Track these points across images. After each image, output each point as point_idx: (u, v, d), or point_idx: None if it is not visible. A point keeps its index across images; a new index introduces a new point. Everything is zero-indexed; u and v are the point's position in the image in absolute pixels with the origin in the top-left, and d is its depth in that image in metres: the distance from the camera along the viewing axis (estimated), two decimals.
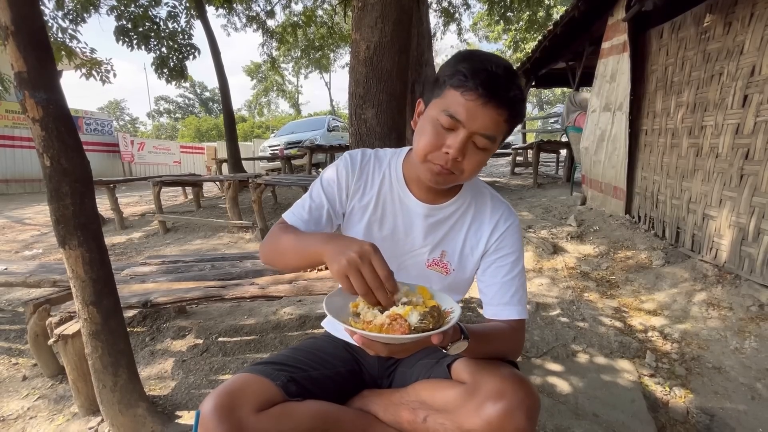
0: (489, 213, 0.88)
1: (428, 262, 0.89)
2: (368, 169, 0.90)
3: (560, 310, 2.27)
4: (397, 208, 0.88)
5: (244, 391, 0.73)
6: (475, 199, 0.89)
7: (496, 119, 0.72)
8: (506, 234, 0.87)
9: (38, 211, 6.72)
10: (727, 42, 2.44)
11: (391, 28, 1.58)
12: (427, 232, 0.88)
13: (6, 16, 1.06)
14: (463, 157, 0.74)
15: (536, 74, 7.35)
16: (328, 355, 0.92)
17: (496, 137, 0.74)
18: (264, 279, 1.79)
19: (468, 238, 0.88)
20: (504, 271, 0.86)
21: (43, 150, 1.16)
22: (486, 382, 0.70)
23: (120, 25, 6.60)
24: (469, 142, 0.73)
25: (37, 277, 1.99)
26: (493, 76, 0.70)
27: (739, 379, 1.65)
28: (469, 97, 0.70)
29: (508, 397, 0.67)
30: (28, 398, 1.70)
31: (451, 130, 0.73)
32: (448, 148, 0.73)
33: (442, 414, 0.74)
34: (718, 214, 2.46)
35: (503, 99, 0.71)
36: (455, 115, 0.72)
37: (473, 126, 0.71)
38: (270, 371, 0.79)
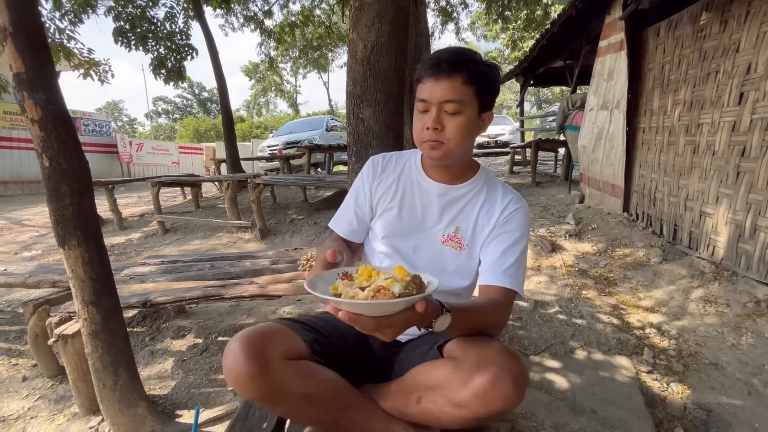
0: (500, 196, 0.96)
1: (444, 238, 0.95)
2: (390, 166, 1.02)
3: (558, 308, 2.28)
4: (415, 190, 0.98)
5: (274, 337, 0.77)
6: (488, 184, 0.98)
7: (452, 85, 0.84)
8: (514, 214, 0.93)
9: (37, 212, 6.71)
10: (723, 40, 2.45)
11: (388, 28, 1.59)
12: (442, 210, 0.96)
13: (4, 18, 1.07)
14: (442, 126, 0.86)
15: (534, 73, 7.37)
16: (345, 330, 0.94)
17: (462, 99, 0.84)
18: (263, 278, 1.80)
19: (480, 217, 0.95)
20: (506, 244, 0.91)
21: (42, 150, 1.17)
22: (472, 354, 0.74)
23: (118, 25, 6.58)
24: (441, 113, 0.85)
25: (37, 278, 2.00)
26: (438, 59, 0.85)
27: (735, 375, 1.66)
28: (425, 81, 0.86)
29: (494, 367, 0.69)
30: (29, 398, 1.70)
31: (426, 111, 0.87)
32: (426, 124, 0.86)
33: (434, 391, 0.77)
34: (715, 211, 2.47)
35: (449, 68, 0.84)
36: (422, 97, 0.87)
37: (435, 98, 0.85)
38: (298, 327, 0.84)
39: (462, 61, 0.85)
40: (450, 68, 0.84)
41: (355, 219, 1.02)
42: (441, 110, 0.85)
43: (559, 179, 6.28)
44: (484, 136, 11.45)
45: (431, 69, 0.85)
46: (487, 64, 0.88)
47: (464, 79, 0.84)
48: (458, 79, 0.84)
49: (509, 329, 2.05)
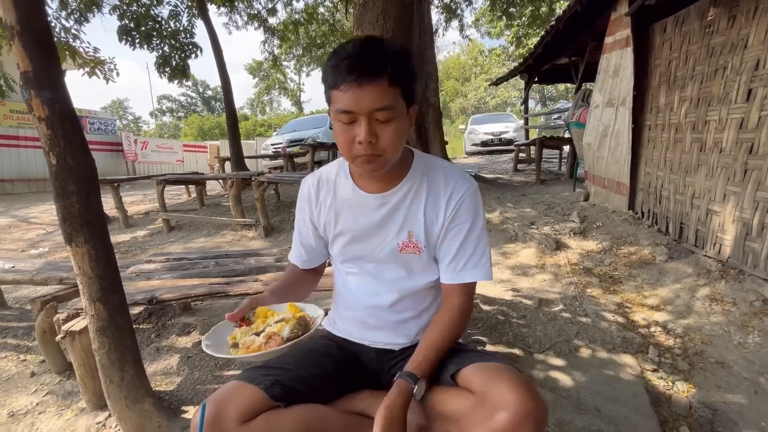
0: (443, 185, 0.89)
1: (400, 246, 0.91)
2: (322, 190, 0.97)
3: (563, 306, 2.27)
4: (356, 209, 0.92)
5: (229, 402, 0.76)
6: (427, 174, 0.90)
7: (378, 90, 0.74)
8: (461, 203, 0.88)
9: (43, 210, 6.78)
10: (732, 36, 2.42)
11: (392, 25, 1.59)
12: (388, 219, 0.90)
13: (12, 17, 1.08)
14: (376, 138, 0.77)
15: (539, 70, 7.33)
16: (320, 354, 0.93)
17: (391, 104, 0.76)
18: (267, 276, 1.81)
19: (427, 213, 0.89)
20: (460, 238, 0.88)
21: (49, 149, 1.18)
22: (495, 392, 0.70)
23: (123, 24, 6.62)
24: (372, 123, 0.76)
25: (44, 275, 2.02)
26: (352, 59, 0.73)
27: (742, 374, 1.65)
28: (345, 88, 0.74)
29: (517, 408, 0.66)
30: (37, 394, 1.72)
31: (352, 122, 0.77)
32: (358, 138, 0.76)
33: (448, 421, 0.75)
34: (722, 209, 2.45)
35: (372, 72, 0.73)
36: (346, 108, 0.75)
37: (364, 107, 0.74)
38: (255, 376, 0.81)
39: (383, 59, 0.74)
40: (374, 71, 0.73)
41: (303, 251, 1.03)
42: (371, 119, 0.75)
43: (564, 177, 6.25)
44: (488, 134, 11.41)
45: (351, 73, 0.73)
46: (402, 52, 0.78)
47: (389, 80, 0.74)
48: (383, 82, 0.74)
49: (513, 327, 2.05)
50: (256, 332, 0.84)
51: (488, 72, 30.31)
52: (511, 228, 3.64)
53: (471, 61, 32.60)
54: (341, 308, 1.03)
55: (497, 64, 29.19)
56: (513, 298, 2.39)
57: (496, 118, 12.68)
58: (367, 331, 0.97)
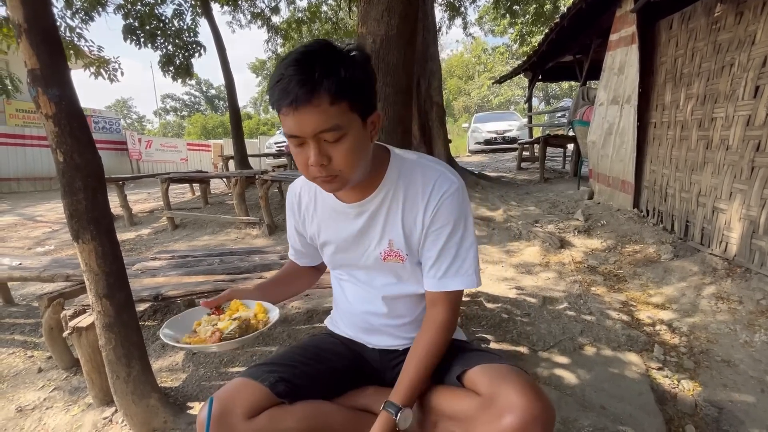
0: (421, 186, 0.82)
1: (383, 255, 0.87)
2: (304, 199, 0.96)
3: (567, 304, 2.27)
4: (336, 219, 0.90)
5: (234, 399, 0.77)
6: (404, 177, 0.84)
7: (318, 111, 0.67)
8: (441, 203, 0.81)
9: (49, 208, 6.83)
10: (739, 32, 2.40)
11: (397, 21, 1.59)
12: (367, 228, 0.87)
13: (19, 14, 1.08)
14: (329, 159, 0.71)
15: (543, 68, 7.30)
16: (324, 351, 0.93)
17: (339, 123, 0.69)
18: (272, 273, 1.81)
19: (405, 219, 0.84)
20: (440, 243, 0.82)
21: (57, 146, 1.18)
22: (502, 394, 0.69)
23: (127, 23, 6.65)
24: (321, 144, 0.70)
25: (51, 272, 2.04)
26: (285, 81, 0.66)
27: (748, 373, 1.64)
28: (286, 112, 0.68)
29: (525, 411, 0.66)
30: (44, 389, 1.74)
31: (302, 145, 0.72)
32: (310, 161, 0.71)
33: (453, 421, 0.75)
34: (729, 207, 2.43)
35: (305, 94, 0.65)
36: (290, 133, 0.71)
37: (307, 131, 0.68)
38: (260, 373, 0.81)
39: (320, 76, 0.65)
40: (309, 92, 0.65)
41: (297, 253, 1.07)
42: (319, 141, 0.70)
43: (568, 175, 6.22)
44: (492, 132, 11.38)
45: (284, 98, 0.66)
46: (348, 58, 0.69)
47: (331, 98, 0.66)
48: (323, 101, 0.66)
49: (517, 325, 2.05)
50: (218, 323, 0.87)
51: (492, 70, 30.18)
52: (515, 226, 3.63)
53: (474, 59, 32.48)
54: (340, 311, 1.03)
55: (501, 63, 29.06)
56: (517, 296, 2.39)
57: (499, 117, 12.63)
58: (365, 335, 0.97)
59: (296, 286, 1.09)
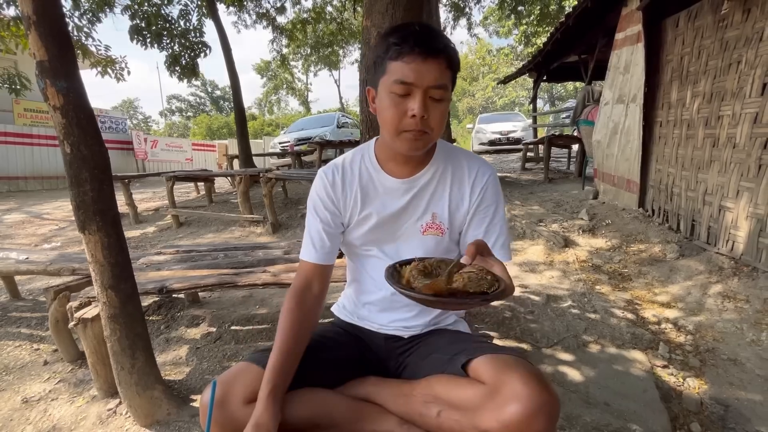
0: (467, 170, 0.92)
1: (423, 228, 0.92)
2: (347, 176, 0.94)
3: (571, 302, 2.25)
4: (381, 194, 0.93)
5: (236, 383, 0.77)
6: (450, 160, 0.93)
7: (440, 68, 0.77)
8: (486, 188, 0.91)
9: (56, 206, 6.89)
10: (746, 29, 2.38)
11: (402, 14, 1.59)
12: (414, 202, 0.92)
13: (28, 7, 1.10)
14: (428, 113, 0.78)
15: (548, 68, 7.27)
16: (327, 340, 0.93)
17: (446, 84, 0.79)
18: (276, 267, 1.82)
19: (452, 196, 0.92)
20: (487, 220, 0.91)
21: (64, 137, 1.20)
22: (507, 383, 0.69)
23: (134, 24, 6.71)
24: (427, 98, 0.77)
25: (57, 266, 2.06)
26: (420, 34, 0.76)
27: (755, 371, 1.62)
28: (409, 60, 0.75)
29: (530, 401, 0.65)
30: (50, 381, 1.75)
31: (407, 95, 0.77)
32: (412, 111, 0.77)
33: (457, 411, 0.74)
34: (735, 205, 2.41)
35: (437, 49, 0.76)
36: (406, 80, 0.76)
37: (424, 82, 0.76)
38: (262, 358, 0.81)
39: (444, 42, 0.78)
40: (438, 49, 0.76)
41: (327, 238, 0.93)
42: (426, 96, 0.77)
43: (573, 176, 6.19)
44: (496, 133, 11.34)
45: (419, 46, 0.75)
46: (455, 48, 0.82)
47: (447, 62, 0.78)
48: (444, 62, 0.77)
49: (521, 322, 2.04)
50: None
51: (496, 71, 30.17)
52: (519, 225, 3.62)
53: (479, 60, 32.47)
54: (357, 294, 1.02)
55: (505, 64, 29.01)
56: (521, 294, 2.38)
57: (504, 117, 12.58)
58: (381, 313, 0.97)
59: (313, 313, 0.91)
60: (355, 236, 0.96)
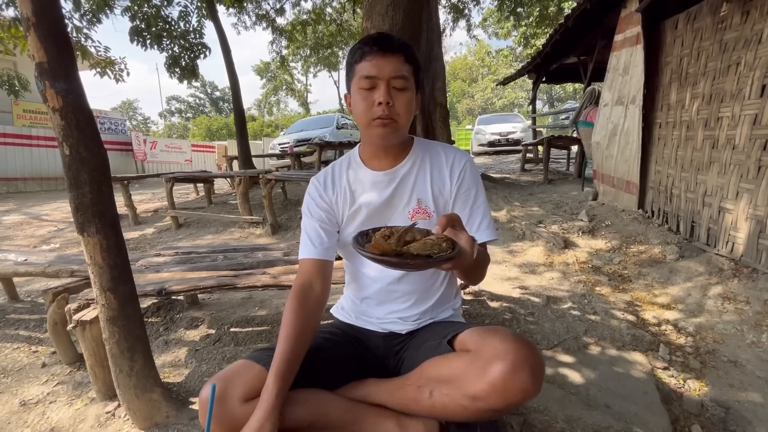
0: (444, 157, 1.00)
1: (410, 214, 0.97)
2: (336, 178, 1.03)
3: (571, 304, 2.25)
4: (367, 188, 0.99)
5: (235, 380, 0.78)
6: (428, 151, 1.01)
7: (398, 61, 0.88)
8: (464, 171, 0.98)
9: (55, 207, 6.88)
10: (745, 31, 2.39)
11: (401, 16, 1.59)
12: (397, 192, 0.98)
13: (27, 8, 1.09)
14: (393, 101, 0.87)
15: (547, 69, 7.28)
16: (327, 341, 0.94)
17: (406, 76, 0.89)
18: (276, 269, 1.82)
19: (434, 181, 0.99)
20: (468, 203, 0.97)
21: (63, 139, 1.19)
22: (488, 345, 0.72)
23: (134, 25, 6.71)
24: (390, 88, 0.87)
25: (56, 267, 2.05)
26: (378, 38, 0.90)
27: (756, 373, 1.61)
28: (370, 58, 0.88)
29: (511, 357, 0.67)
30: (48, 384, 1.74)
31: (372, 88, 0.88)
32: (378, 99, 0.87)
33: (447, 385, 0.75)
34: (735, 206, 2.41)
35: (393, 46, 0.88)
36: (369, 74, 0.87)
37: (385, 73, 0.87)
38: (263, 356, 0.82)
39: (400, 42, 0.91)
40: (394, 46, 0.88)
41: (324, 234, 0.97)
42: (389, 86, 0.87)
43: (572, 177, 6.20)
44: (495, 134, 11.35)
45: (377, 45, 0.88)
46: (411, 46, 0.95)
47: (405, 57, 0.89)
48: (402, 57, 0.89)
49: (521, 324, 2.03)
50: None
51: (495, 73, 30.19)
52: (519, 227, 3.62)
53: (478, 61, 32.49)
54: (355, 292, 1.04)
55: (504, 65, 29.06)
56: (521, 296, 2.38)
57: (503, 119, 12.60)
58: (379, 306, 0.99)
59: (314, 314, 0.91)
60: (349, 232, 0.99)
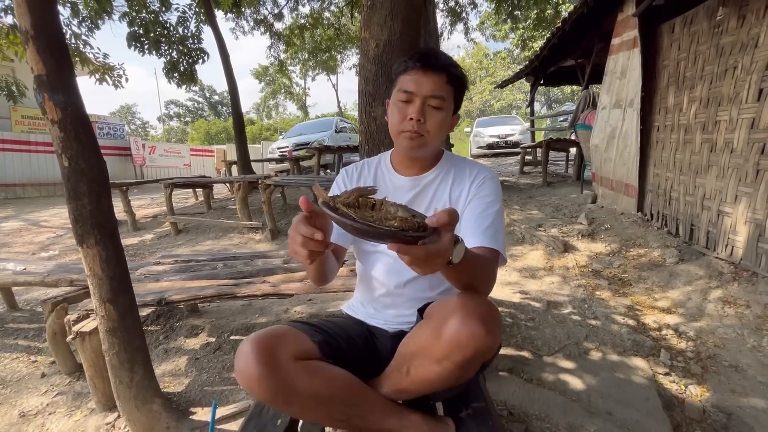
0: (468, 171, 1.01)
1: None
2: (364, 173, 1.06)
3: (572, 309, 2.25)
4: (389, 188, 1.02)
5: (284, 338, 0.78)
6: (454, 164, 1.03)
7: (438, 81, 0.89)
8: (484, 181, 0.97)
9: (54, 213, 6.86)
10: (741, 35, 2.40)
11: (400, 26, 1.59)
12: (417, 199, 1.00)
13: (26, 21, 1.10)
14: (425, 118, 0.89)
15: (545, 72, 7.30)
16: (354, 334, 0.97)
17: (445, 96, 0.90)
18: (276, 277, 1.81)
19: (452, 192, 0.99)
20: (481, 208, 0.93)
21: (62, 151, 1.19)
22: (441, 306, 0.75)
23: (132, 31, 6.71)
24: (425, 106, 0.89)
25: (55, 277, 2.04)
26: (425, 53, 0.91)
27: (756, 378, 1.61)
28: (412, 73, 0.90)
29: (459, 311, 0.70)
30: (47, 395, 1.74)
31: (408, 102, 0.90)
32: (411, 114, 0.89)
33: (417, 356, 0.78)
34: (734, 210, 2.42)
35: (437, 65, 0.89)
36: (407, 89, 0.90)
37: (422, 91, 0.89)
38: (309, 329, 0.86)
39: (447, 62, 0.92)
40: (438, 65, 0.89)
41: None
42: (425, 103, 0.89)
43: (571, 179, 6.21)
44: (494, 137, 11.37)
45: (420, 62, 0.89)
46: (461, 69, 0.95)
47: (448, 78, 0.90)
48: (444, 77, 0.89)
49: (522, 329, 2.03)
50: None
51: (493, 75, 30.27)
52: (518, 230, 3.62)
53: (476, 64, 32.59)
54: (365, 292, 1.07)
55: (502, 68, 29.15)
56: (521, 301, 2.37)
57: (501, 121, 12.61)
58: (387, 309, 1.01)
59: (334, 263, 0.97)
60: None
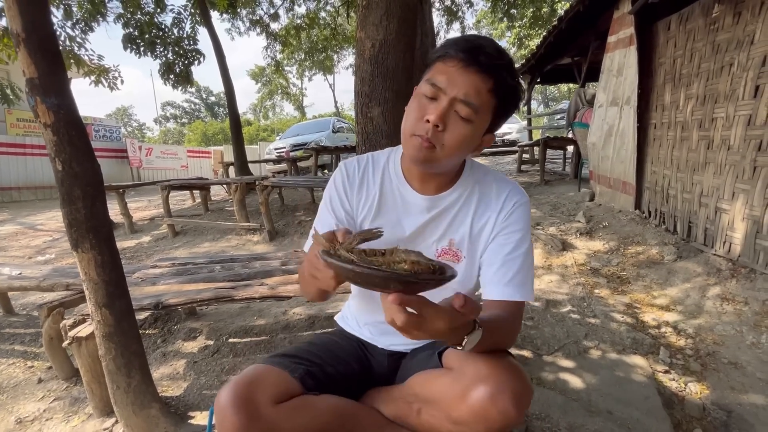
0: (495, 194, 0.83)
1: (438, 253, 0.85)
2: (368, 175, 0.87)
3: (571, 307, 2.25)
4: (399, 206, 0.85)
5: (261, 382, 0.72)
6: (479, 183, 0.84)
7: (478, 85, 0.68)
8: (513, 211, 0.81)
9: (50, 217, 6.82)
10: (737, 32, 2.40)
11: (396, 26, 1.59)
12: (432, 224, 0.84)
13: (17, 24, 1.08)
14: (445, 127, 0.70)
15: (541, 70, 7.30)
16: (342, 352, 0.92)
17: (479, 107, 0.69)
18: (273, 279, 1.80)
19: (474, 222, 0.83)
20: (508, 248, 0.79)
21: (55, 155, 1.18)
22: (470, 367, 0.68)
23: (127, 32, 6.68)
24: (450, 111, 0.70)
25: (51, 281, 2.02)
26: (476, 44, 0.68)
27: (756, 375, 1.61)
28: (449, 63, 0.69)
29: (492, 381, 0.64)
30: (44, 400, 1.72)
31: (433, 99, 0.71)
32: (428, 116, 0.69)
33: (432, 405, 0.73)
34: (731, 207, 2.42)
35: (485, 64, 0.67)
36: (436, 83, 0.70)
37: (453, 91, 0.68)
38: (288, 363, 0.79)
39: (500, 64, 0.69)
40: (488, 64, 0.67)
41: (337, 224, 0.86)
42: (452, 107, 0.69)
43: (568, 177, 6.21)
44: None
45: (465, 53, 0.67)
46: (518, 81, 0.74)
47: (494, 85, 0.69)
48: (489, 82, 0.68)
49: (521, 328, 2.03)
50: None
51: None
52: None
53: None
54: (358, 313, 1.00)
55: None
56: None
57: None
58: (383, 336, 0.94)
59: None
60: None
